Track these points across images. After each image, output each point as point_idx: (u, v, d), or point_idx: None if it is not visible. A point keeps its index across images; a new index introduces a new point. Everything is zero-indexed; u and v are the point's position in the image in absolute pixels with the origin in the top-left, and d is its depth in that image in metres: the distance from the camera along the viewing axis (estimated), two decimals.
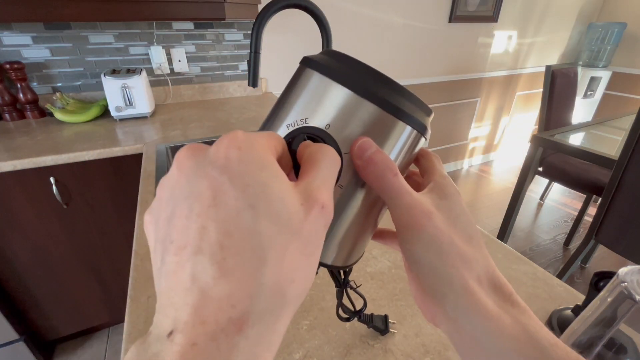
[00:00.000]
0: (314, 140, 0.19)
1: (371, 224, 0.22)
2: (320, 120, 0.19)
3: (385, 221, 0.23)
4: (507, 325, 0.17)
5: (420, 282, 0.19)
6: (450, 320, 0.18)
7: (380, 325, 0.43)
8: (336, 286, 0.30)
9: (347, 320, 0.37)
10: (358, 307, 0.37)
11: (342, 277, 0.29)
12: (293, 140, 0.19)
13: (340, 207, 0.19)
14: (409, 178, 0.25)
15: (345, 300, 0.36)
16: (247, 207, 0.12)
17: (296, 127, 0.19)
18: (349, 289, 0.33)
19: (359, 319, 0.41)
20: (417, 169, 0.24)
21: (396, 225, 0.19)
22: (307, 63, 0.20)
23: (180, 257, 0.12)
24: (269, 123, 0.21)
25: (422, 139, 0.21)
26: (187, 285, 0.11)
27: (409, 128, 0.20)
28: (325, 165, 0.16)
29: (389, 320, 0.44)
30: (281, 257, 0.13)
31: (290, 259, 0.13)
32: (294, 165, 0.18)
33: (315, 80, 0.19)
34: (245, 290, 0.12)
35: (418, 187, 0.20)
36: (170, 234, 0.13)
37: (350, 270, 0.26)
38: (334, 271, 0.28)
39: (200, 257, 0.12)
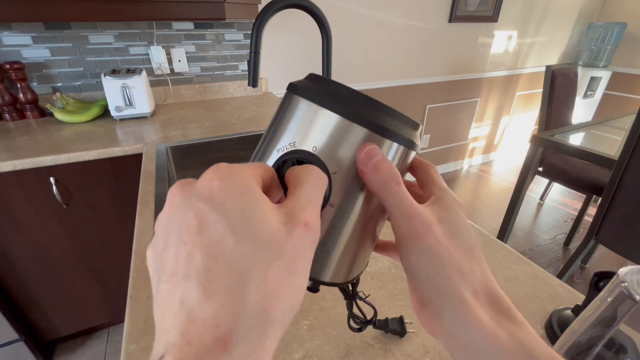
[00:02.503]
0: (303, 163, 0.19)
1: (368, 240, 0.22)
2: (307, 143, 0.19)
3: (388, 234, 0.23)
4: (503, 340, 0.16)
5: (417, 294, 0.20)
6: (448, 332, 0.18)
7: (397, 328, 0.43)
8: (345, 298, 0.30)
9: (359, 330, 0.36)
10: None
11: (350, 289, 0.29)
12: (284, 164, 0.20)
13: (333, 225, 0.20)
14: (408, 190, 0.25)
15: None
16: (229, 232, 0.13)
17: (285, 151, 0.20)
18: (358, 300, 0.32)
19: (374, 326, 0.41)
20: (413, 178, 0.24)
21: (396, 234, 0.19)
22: (292, 89, 0.21)
23: (172, 284, 0.13)
24: (261, 149, 0.21)
25: (412, 153, 0.22)
26: (176, 309, 0.12)
27: (395, 145, 0.20)
28: (308, 184, 0.17)
29: (405, 321, 0.44)
30: (264, 277, 0.13)
31: (274, 278, 0.13)
32: (286, 190, 0.19)
33: (301, 105, 0.20)
34: (229, 309, 0.12)
35: (419, 199, 0.21)
36: (163, 263, 0.14)
37: (358, 281, 0.26)
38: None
39: (188, 282, 0.12)
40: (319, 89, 0.20)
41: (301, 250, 0.15)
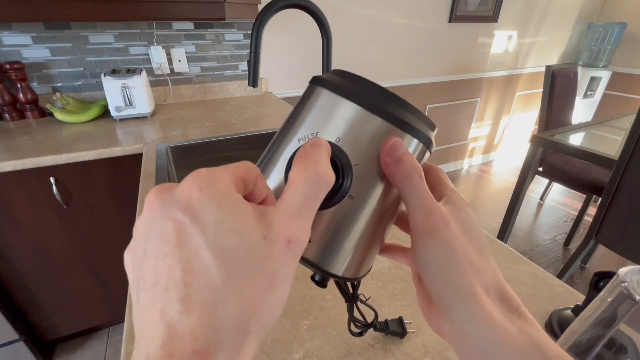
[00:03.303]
0: None
1: (381, 236, 0.22)
2: (330, 134, 0.19)
3: (391, 237, 0.23)
4: (514, 336, 0.17)
5: (428, 291, 0.20)
6: (457, 330, 0.18)
7: (397, 329, 0.43)
8: (346, 301, 0.30)
9: (360, 334, 0.36)
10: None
11: (352, 291, 0.29)
12: None
13: (350, 218, 0.20)
14: None
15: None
16: (205, 246, 0.13)
17: (307, 140, 0.20)
18: (359, 303, 0.32)
19: (375, 329, 0.41)
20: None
21: (413, 228, 0.20)
22: (318, 82, 0.21)
23: (151, 294, 0.13)
24: (281, 137, 0.21)
25: (428, 153, 0.22)
26: (157, 320, 0.12)
27: (415, 141, 0.20)
28: (305, 185, 0.16)
29: (405, 321, 0.44)
30: (241, 292, 0.13)
31: (252, 292, 0.13)
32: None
33: (326, 97, 0.20)
34: (207, 323, 0.12)
35: None
36: (143, 272, 0.14)
37: (359, 283, 0.26)
38: (342, 285, 0.28)
39: (168, 294, 0.13)
40: (345, 82, 0.20)
41: (282, 266, 0.14)
